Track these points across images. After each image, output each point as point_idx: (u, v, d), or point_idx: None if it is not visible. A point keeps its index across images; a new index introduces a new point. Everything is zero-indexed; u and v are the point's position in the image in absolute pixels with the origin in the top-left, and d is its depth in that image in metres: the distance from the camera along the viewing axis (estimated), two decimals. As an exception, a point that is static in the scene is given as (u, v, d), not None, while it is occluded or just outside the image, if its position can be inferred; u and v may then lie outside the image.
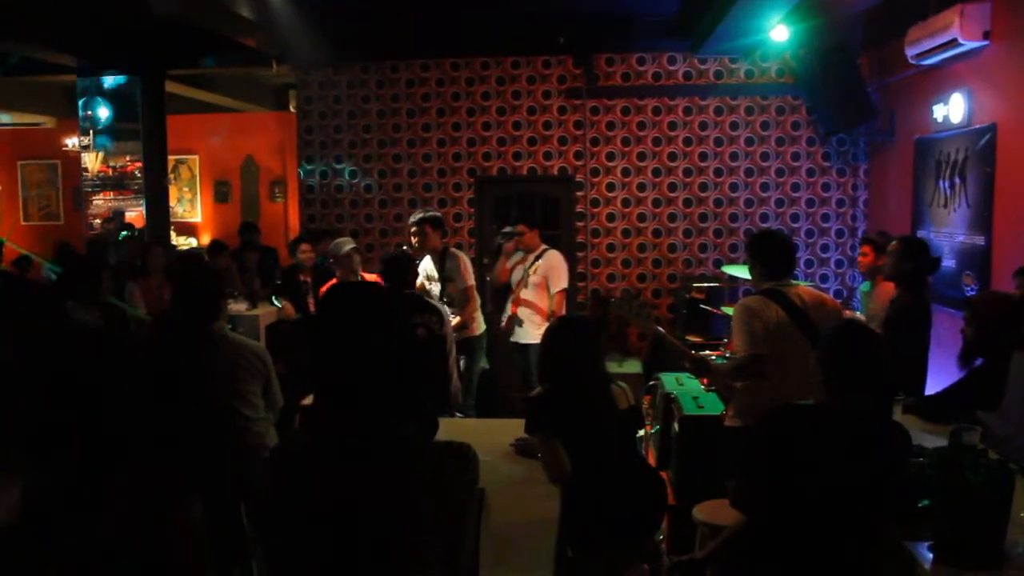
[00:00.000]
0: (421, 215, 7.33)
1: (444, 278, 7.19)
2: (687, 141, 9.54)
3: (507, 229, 7.89)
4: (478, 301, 7.38)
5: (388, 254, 6.58)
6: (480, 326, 7.36)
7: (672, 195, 9.59)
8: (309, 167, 10.09)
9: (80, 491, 2.77)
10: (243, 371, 4.35)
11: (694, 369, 4.54)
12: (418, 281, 6.83)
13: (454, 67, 9.74)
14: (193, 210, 14.16)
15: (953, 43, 6.54)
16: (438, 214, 7.54)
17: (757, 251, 4.66)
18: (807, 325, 4.29)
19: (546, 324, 7.46)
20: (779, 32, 7.94)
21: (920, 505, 3.03)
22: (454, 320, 6.72)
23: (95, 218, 10.92)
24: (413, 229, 7.28)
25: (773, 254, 4.61)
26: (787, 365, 4.19)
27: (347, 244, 7.20)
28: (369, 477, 2.08)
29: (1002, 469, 2.87)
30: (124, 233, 10.06)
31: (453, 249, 7.41)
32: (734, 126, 9.49)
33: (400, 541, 2.06)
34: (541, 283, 7.57)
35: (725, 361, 4.41)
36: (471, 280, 7.23)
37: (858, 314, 6.98)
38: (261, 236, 10.88)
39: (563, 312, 7.47)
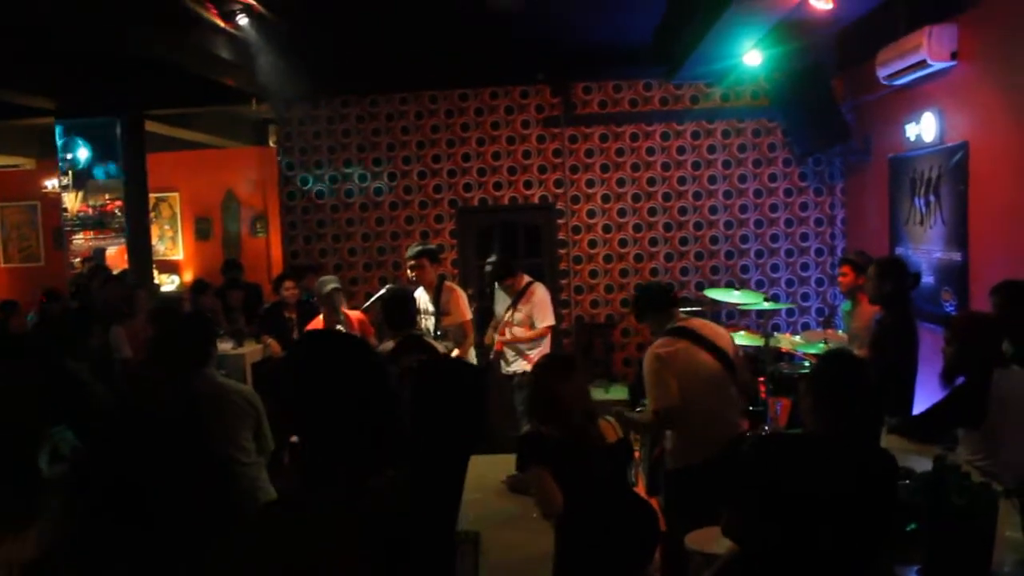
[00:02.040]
0: (419, 248, 7.26)
1: (439, 312, 7.12)
2: (665, 166, 9.63)
3: (491, 259, 7.80)
4: (473, 335, 7.31)
5: (389, 292, 6.46)
6: (473, 360, 7.34)
7: (652, 220, 9.68)
8: (290, 202, 10.11)
9: (96, 540, 2.78)
10: (234, 417, 4.36)
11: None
12: None
13: (432, 99, 9.81)
14: (175, 248, 14.14)
15: (922, 64, 6.66)
16: (434, 247, 7.51)
17: (645, 305, 5.07)
18: (715, 349, 4.74)
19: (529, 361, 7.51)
20: (752, 57, 8.05)
21: (908, 529, 3.08)
22: (454, 354, 6.69)
23: (76, 257, 10.91)
24: (411, 263, 7.21)
25: (658, 300, 5.03)
26: (707, 397, 4.64)
27: (329, 284, 7.19)
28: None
29: (986, 491, 2.92)
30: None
31: (448, 283, 7.31)
32: (711, 149, 9.60)
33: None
34: (525, 320, 7.49)
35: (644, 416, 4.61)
36: (468, 315, 7.15)
37: (840, 332, 7.06)
38: (244, 272, 10.87)
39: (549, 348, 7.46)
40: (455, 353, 6.78)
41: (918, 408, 5.39)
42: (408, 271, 7.28)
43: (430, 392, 3.32)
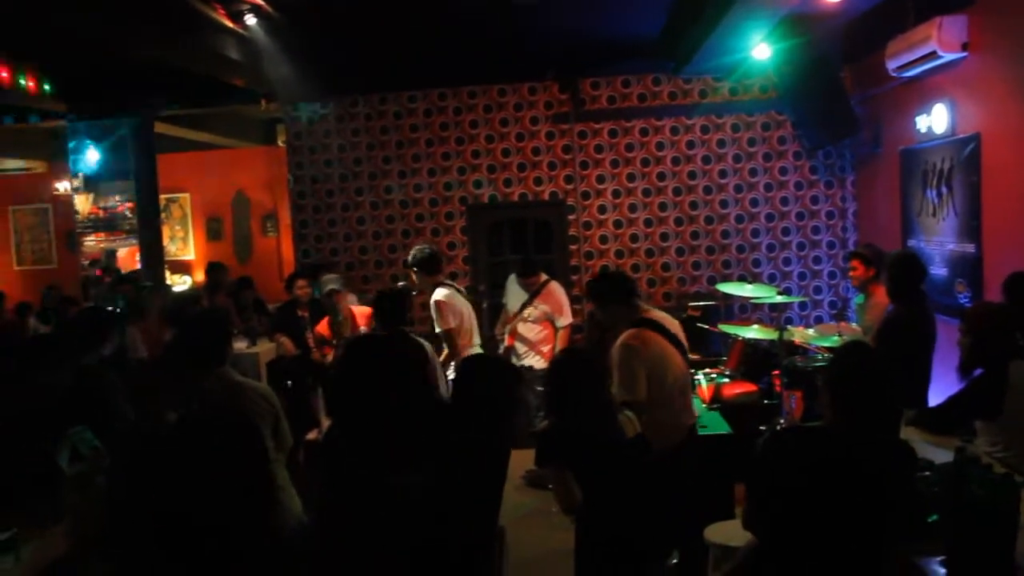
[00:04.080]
0: (408, 258, 7.03)
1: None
2: (675, 160, 9.63)
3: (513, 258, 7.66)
4: (461, 345, 6.80)
5: (381, 290, 6.46)
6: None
7: (663, 215, 9.68)
8: (301, 201, 10.14)
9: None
10: (253, 416, 4.38)
11: None
12: None
13: (441, 97, 9.82)
14: (186, 248, 14.20)
15: (932, 55, 6.64)
16: (425, 255, 6.97)
17: (608, 295, 5.02)
18: (676, 341, 4.86)
19: (544, 355, 7.51)
20: (761, 50, 8.04)
21: (929, 521, 3.08)
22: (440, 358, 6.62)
23: (88, 259, 10.97)
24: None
25: (621, 289, 5.00)
26: (672, 385, 4.72)
27: (329, 284, 7.21)
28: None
29: (1008, 482, 2.92)
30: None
31: (434, 295, 6.85)
32: (721, 144, 9.59)
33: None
34: (541, 317, 7.56)
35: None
36: (445, 325, 6.73)
37: (854, 325, 7.06)
38: (228, 273, 10.82)
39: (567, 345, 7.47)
40: (443, 355, 6.66)
41: (932, 400, 5.40)
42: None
43: (471, 391, 3.35)
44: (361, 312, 7.38)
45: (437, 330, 6.73)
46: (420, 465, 2.59)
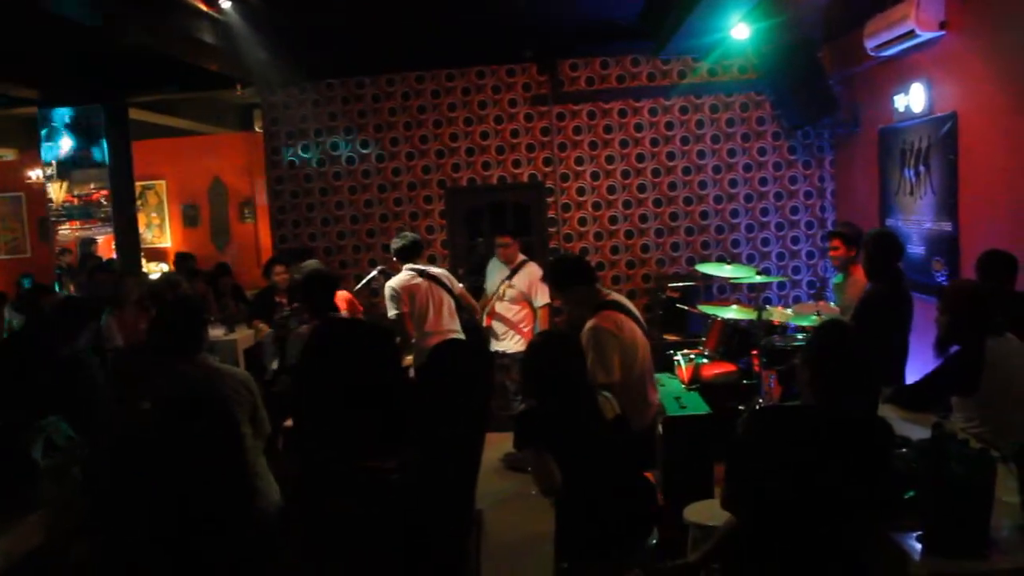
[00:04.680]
0: (393, 246, 7.28)
1: None
2: (654, 142, 9.61)
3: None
4: (410, 332, 6.95)
5: (310, 274, 6.38)
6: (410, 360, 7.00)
7: (642, 196, 9.66)
8: (278, 187, 10.06)
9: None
10: (231, 402, 4.34)
11: None
12: None
13: (419, 80, 9.76)
14: (162, 235, 14.08)
15: (911, 34, 6.64)
16: (404, 243, 7.18)
17: (570, 277, 4.98)
18: (640, 323, 4.90)
19: (522, 336, 7.52)
20: (740, 30, 8.01)
21: (907, 497, 3.09)
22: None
23: (62, 248, 10.86)
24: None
25: (583, 272, 4.99)
26: (641, 366, 4.78)
27: (305, 270, 7.23)
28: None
29: (984, 457, 2.93)
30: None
31: (388, 282, 7.10)
32: (700, 124, 9.58)
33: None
34: (519, 297, 7.57)
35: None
36: (393, 311, 6.91)
37: (832, 305, 7.08)
38: (196, 262, 10.75)
39: (547, 326, 7.48)
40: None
41: (910, 378, 5.42)
42: None
43: (443, 374, 3.33)
44: (342, 297, 7.34)
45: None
46: (393, 451, 2.57)
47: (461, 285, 7.48)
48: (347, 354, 2.53)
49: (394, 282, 6.92)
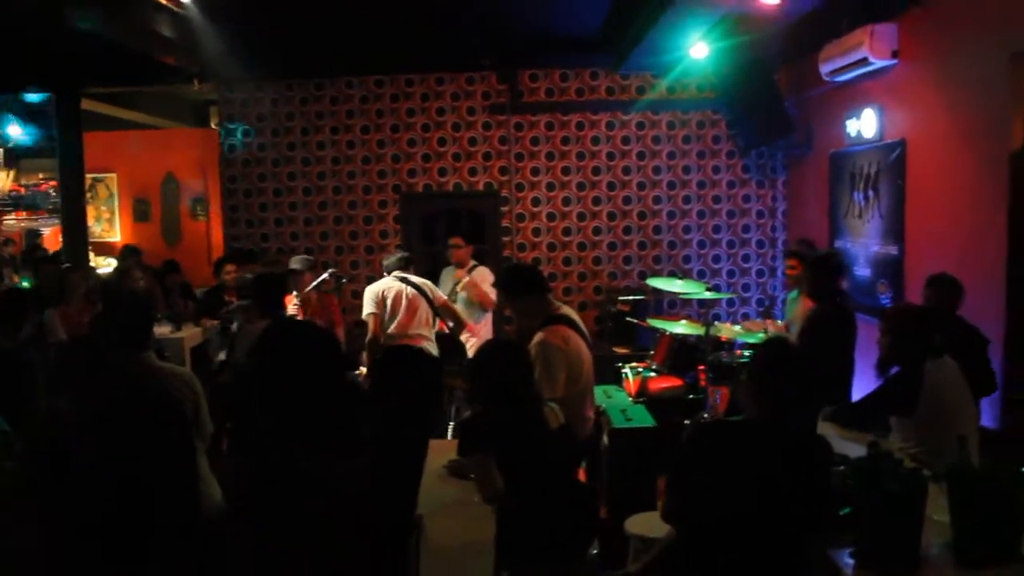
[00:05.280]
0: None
1: None
2: (610, 156, 9.68)
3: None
4: (377, 333, 7.08)
5: (260, 273, 6.54)
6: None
7: (596, 209, 9.72)
8: (231, 185, 9.97)
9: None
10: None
11: None
12: None
13: (378, 84, 9.74)
14: (112, 229, 13.83)
15: (864, 61, 6.77)
16: (393, 259, 7.40)
17: (523, 287, 4.96)
18: (585, 337, 4.88)
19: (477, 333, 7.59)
20: (699, 49, 8.10)
21: (842, 513, 3.14)
22: None
23: (7, 238, 10.65)
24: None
25: (535, 282, 4.98)
26: (584, 381, 4.76)
27: (293, 264, 7.30)
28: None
29: (917, 477, 3.00)
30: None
31: (370, 284, 7.40)
32: (656, 140, 9.67)
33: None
34: (471, 300, 7.66)
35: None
36: (364, 310, 7.15)
37: (779, 323, 7.17)
38: (143, 256, 10.60)
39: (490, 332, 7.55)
40: None
41: (855, 397, 5.50)
42: None
43: (393, 380, 3.32)
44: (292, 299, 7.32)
45: None
46: (336, 452, 2.56)
47: (445, 296, 7.53)
48: (299, 355, 2.52)
49: (374, 284, 7.21)
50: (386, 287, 7.17)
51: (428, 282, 7.40)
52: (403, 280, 7.21)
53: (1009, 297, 5.41)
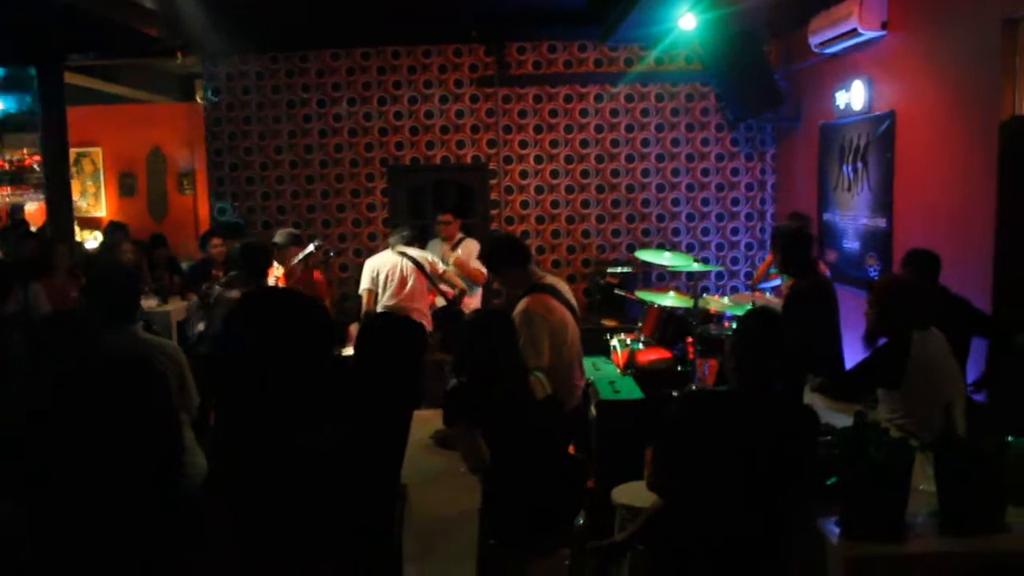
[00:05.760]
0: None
1: None
2: (599, 128, 9.63)
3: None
4: (371, 307, 7.52)
5: (245, 242, 6.56)
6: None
7: (585, 181, 9.68)
8: (217, 159, 9.89)
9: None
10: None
11: None
12: None
13: (364, 56, 9.65)
14: (97, 204, 13.74)
15: (853, 32, 6.74)
16: (399, 234, 7.66)
17: (506, 259, 4.95)
18: (571, 307, 4.86)
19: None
20: (687, 20, 8.03)
21: (828, 483, 3.14)
22: None
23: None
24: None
25: (518, 254, 4.94)
26: (569, 350, 4.74)
27: (277, 237, 7.34)
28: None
29: (903, 446, 2.99)
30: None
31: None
32: (645, 112, 9.62)
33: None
34: (459, 273, 7.69)
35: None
36: (361, 284, 7.55)
37: (768, 295, 7.16)
38: (129, 231, 10.53)
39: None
40: None
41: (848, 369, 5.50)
42: None
43: (376, 348, 3.29)
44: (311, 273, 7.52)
45: None
46: (320, 423, 2.54)
47: (445, 268, 7.58)
48: (275, 324, 2.49)
49: (372, 258, 7.57)
50: (382, 262, 7.41)
51: (428, 255, 7.47)
52: (402, 254, 7.37)
53: (996, 269, 5.40)
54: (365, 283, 7.44)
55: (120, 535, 2.71)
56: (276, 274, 7.02)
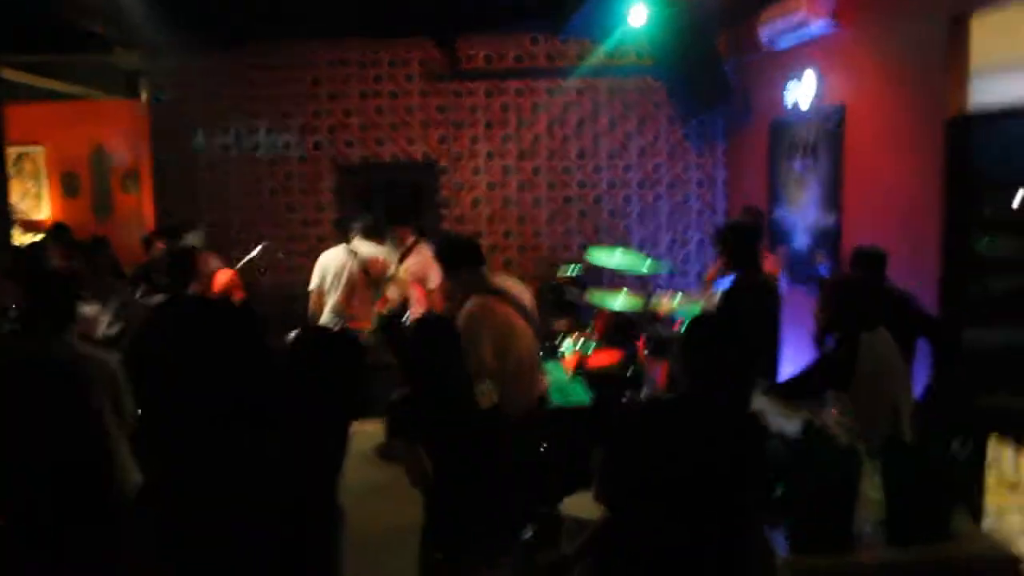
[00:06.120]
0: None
1: None
2: (550, 124, 9.54)
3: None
4: (316, 309, 7.35)
5: (171, 249, 6.58)
6: None
7: (536, 179, 9.60)
8: (162, 157, 9.67)
9: None
10: (93, 383, 4.10)
11: None
12: None
13: (314, 51, 9.47)
14: (39, 206, 13.39)
15: (803, 24, 6.70)
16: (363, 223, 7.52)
17: (458, 260, 4.81)
18: (522, 309, 4.70)
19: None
20: (638, 14, 7.96)
21: (777, 490, 3.09)
22: None
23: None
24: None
25: (471, 255, 4.81)
26: (518, 355, 4.55)
27: (189, 242, 7.12)
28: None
29: (850, 452, 2.95)
30: None
31: None
32: (596, 108, 9.55)
33: None
34: (413, 281, 7.45)
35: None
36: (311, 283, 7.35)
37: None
38: (72, 233, 10.27)
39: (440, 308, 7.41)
40: None
41: (786, 370, 5.46)
42: None
43: (309, 361, 3.18)
44: (224, 273, 7.11)
45: None
46: (252, 433, 2.45)
47: (395, 269, 7.43)
48: (189, 335, 2.39)
49: (323, 255, 7.32)
50: (329, 260, 7.23)
51: (380, 254, 7.25)
52: (353, 253, 7.19)
53: (942, 266, 5.39)
54: (314, 282, 7.26)
55: (49, 545, 2.63)
56: (222, 279, 6.83)
